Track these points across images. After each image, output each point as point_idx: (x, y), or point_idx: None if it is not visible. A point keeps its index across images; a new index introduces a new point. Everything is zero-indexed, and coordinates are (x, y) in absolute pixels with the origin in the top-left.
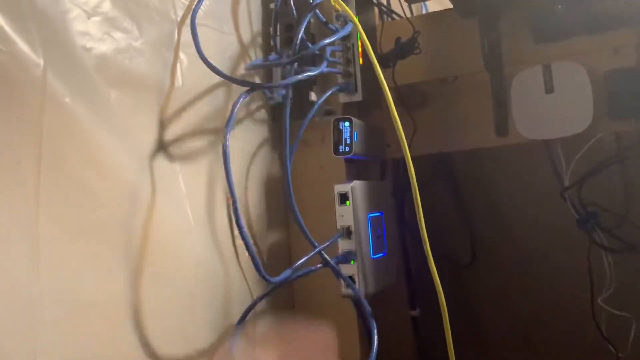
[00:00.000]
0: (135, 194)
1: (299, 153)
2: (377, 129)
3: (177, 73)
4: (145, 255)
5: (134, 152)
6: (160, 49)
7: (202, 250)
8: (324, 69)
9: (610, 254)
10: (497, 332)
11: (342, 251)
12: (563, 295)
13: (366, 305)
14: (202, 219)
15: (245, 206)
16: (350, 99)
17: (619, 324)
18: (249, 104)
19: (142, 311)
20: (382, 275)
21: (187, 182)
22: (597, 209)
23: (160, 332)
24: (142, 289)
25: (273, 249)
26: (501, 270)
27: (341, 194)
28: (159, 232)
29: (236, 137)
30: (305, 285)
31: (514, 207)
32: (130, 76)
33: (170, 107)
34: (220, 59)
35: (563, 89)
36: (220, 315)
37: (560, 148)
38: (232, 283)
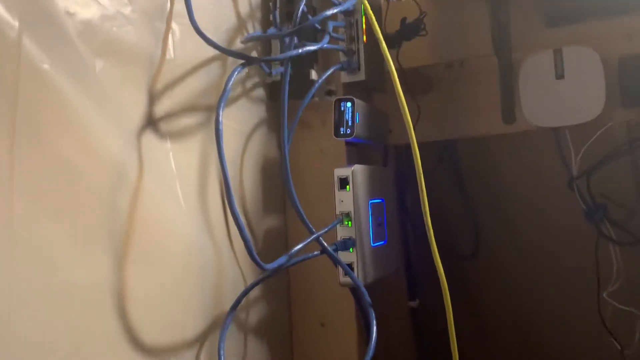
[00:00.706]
0: (121, 172)
1: (298, 135)
2: (380, 112)
3: (168, 44)
4: (131, 237)
5: (121, 127)
6: (152, 18)
7: (193, 233)
8: (325, 44)
9: (619, 247)
10: (498, 325)
11: (341, 238)
12: (568, 289)
13: (366, 295)
14: (193, 200)
15: (240, 189)
16: (353, 78)
17: (625, 319)
18: (245, 81)
19: (126, 296)
20: (381, 264)
21: (178, 161)
22: (606, 201)
23: (146, 318)
24: (127, 273)
25: (268, 234)
26: (504, 262)
27: (341, 178)
28: (147, 213)
29: (231, 116)
30: (301, 272)
31: (519, 198)
32: (118, 46)
33: (160, 80)
34: (216, 32)
35: (574, 74)
36: (211, 302)
37: (569, 136)
38: (225, 269)
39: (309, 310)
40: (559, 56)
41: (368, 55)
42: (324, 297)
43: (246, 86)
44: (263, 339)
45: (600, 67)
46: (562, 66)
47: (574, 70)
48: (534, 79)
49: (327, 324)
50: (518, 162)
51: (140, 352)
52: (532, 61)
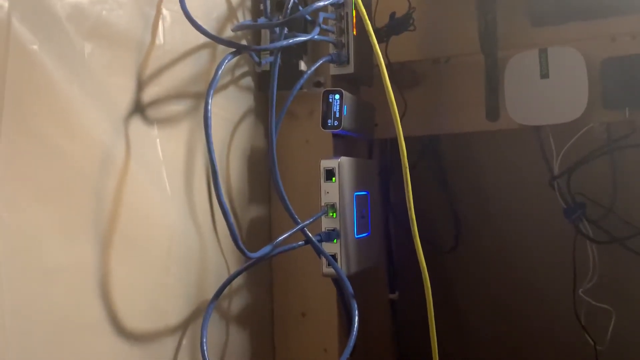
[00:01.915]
0: (107, 157)
1: (285, 125)
2: (368, 104)
3: (158, 30)
4: (115, 223)
5: (108, 112)
6: (142, 3)
7: (177, 220)
8: (315, 36)
9: (596, 245)
10: (476, 318)
11: (326, 229)
12: (545, 285)
13: (349, 286)
14: (179, 187)
15: (226, 177)
16: (342, 71)
17: (599, 315)
18: (234, 69)
19: (110, 282)
20: (364, 255)
21: (165, 148)
22: (584, 200)
23: (128, 304)
24: (111, 259)
25: (253, 223)
26: (484, 257)
27: (327, 169)
28: (132, 199)
29: (219, 105)
30: (284, 262)
31: (500, 194)
32: (108, 30)
33: (149, 66)
34: (206, 19)
35: (558, 74)
36: (194, 289)
37: (551, 135)
38: (209, 257)
39: (291, 300)
40: (544, 56)
41: (357, 48)
42: (306, 287)
43: (235, 75)
44: (245, 327)
45: (583, 68)
46: (547, 66)
47: (558, 70)
48: (518, 77)
49: (308, 314)
50: (500, 159)
51: (122, 337)
52: (517, 60)
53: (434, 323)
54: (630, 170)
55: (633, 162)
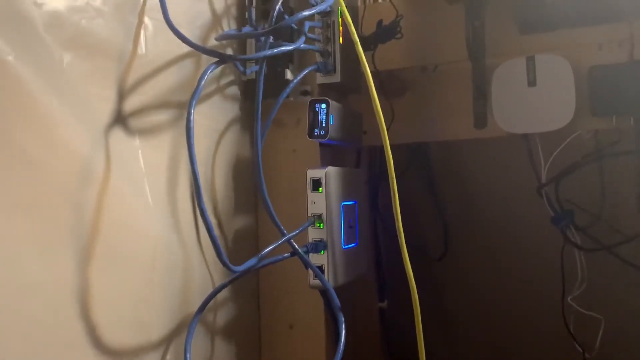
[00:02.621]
0: (87, 169)
1: (272, 134)
2: (355, 113)
3: (140, 39)
4: (96, 235)
5: (88, 123)
6: (123, 11)
7: (160, 232)
8: (300, 45)
9: (583, 253)
10: (465, 326)
11: (312, 240)
12: (534, 292)
13: (335, 298)
14: (162, 199)
15: (211, 188)
16: (328, 79)
17: (588, 323)
18: (219, 78)
19: (90, 296)
20: (352, 266)
21: (147, 158)
22: (573, 207)
23: (110, 319)
24: (92, 272)
25: (239, 235)
26: (473, 264)
27: (314, 179)
28: (113, 211)
29: (204, 114)
30: (271, 273)
31: (489, 202)
32: (87, 39)
33: (131, 76)
34: (189, 28)
35: (546, 82)
36: (179, 303)
37: (539, 143)
38: (193, 269)
39: (278, 312)
40: (532, 63)
41: (344, 57)
42: (293, 299)
43: (220, 84)
44: (231, 340)
45: (571, 75)
46: (534, 73)
47: (545, 77)
48: (506, 85)
49: (295, 326)
50: (489, 167)
51: (104, 353)
52: (505, 67)
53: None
54: (618, 178)
55: (621, 170)
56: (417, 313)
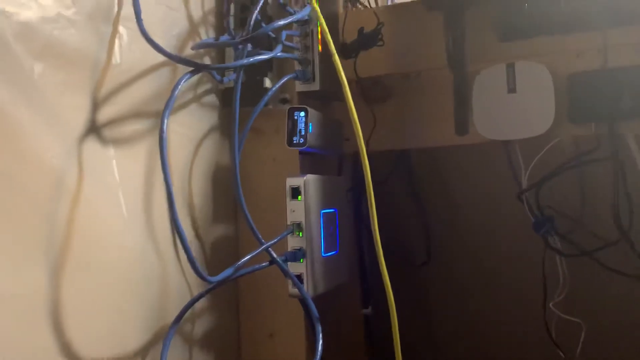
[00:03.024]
0: (60, 180)
1: (251, 143)
2: (335, 121)
3: (115, 49)
4: (69, 247)
5: (60, 133)
6: (97, 21)
7: (135, 243)
8: (277, 53)
9: (565, 258)
10: (448, 331)
11: (292, 248)
12: (515, 298)
13: (313, 308)
14: (137, 209)
15: (189, 197)
16: (307, 88)
17: (569, 329)
18: (196, 87)
19: (63, 308)
20: (332, 274)
21: (122, 169)
22: (553, 213)
23: (84, 331)
24: (65, 284)
25: (219, 244)
26: (455, 271)
27: (293, 187)
28: (86, 222)
29: (181, 123)
30: (251, 282)
31: (470, 208)
32: (59, 49)
33: (105, 85)
34: (166, 37)
35: (525, 89)
36: (155, 314)
37: (519, 149)
38: (170, 280)
39: (258, 321)
40: (511, 71)
41: (323, 65)
42: (274, 308)
43: (198, 92)
44: (210, 350)
45: (550, 82)
46: (514, 80)
47: (525, 85)
48: (486, 92)
49: (275, 335)
50: (470, 173)
51: None
52: (485, 74)
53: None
54: (597, 184)
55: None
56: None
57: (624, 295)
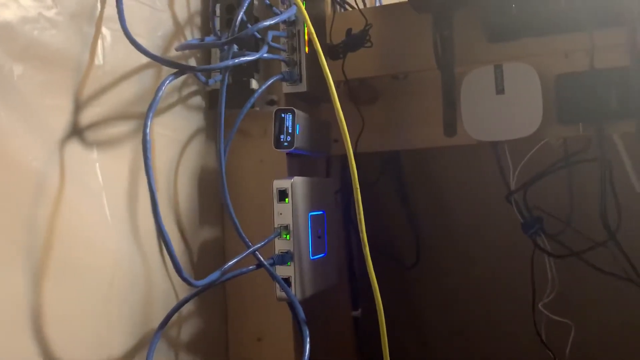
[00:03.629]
0: (41, 183)
1: (239, 145)
2: (323, 122)
3: (97, 50)
4: (50, 252)
5: (41, 136)
6: (79, 21)
7: (120, 247)
8: (263, 54)
9: (553, 259)
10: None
11: (279, 251)
12: (505, 299)
13: (300, 311)
14: (121, 212)
15: (174, 200)
16: (294, 89)
17: (559, 329)
18: (181, 88)
19: (44, 313)
20: (321, 277)
21: (106, 172)
22: (542, 214)
23: (67, 337)
24: (46, 289)
25: (205, 247)
26: (445, 272)
27: (280, 190)
28: (68, 226)
29: (166, 125)
30: (239, 285)
31: (459, 209)
32: (40, 50)
33: (88, 87)
34: (151, 38)
35: (513, 90)
36: (140, 318)
37: (508, 150)
38: (155, 284)
39: (246, 325)
40: (499, 72)
41: (310, 66)
42: (262, 311)
43: (183, 94)
44: (197, 355)
45: (538, 83)
46: (502, 81)
47: (513, 85)
48: (474, 93)
49: (264, 339)
50: (459, 174)
51: None
52: (473, 76)
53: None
54: (586, 184)
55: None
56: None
57: (612, 296)
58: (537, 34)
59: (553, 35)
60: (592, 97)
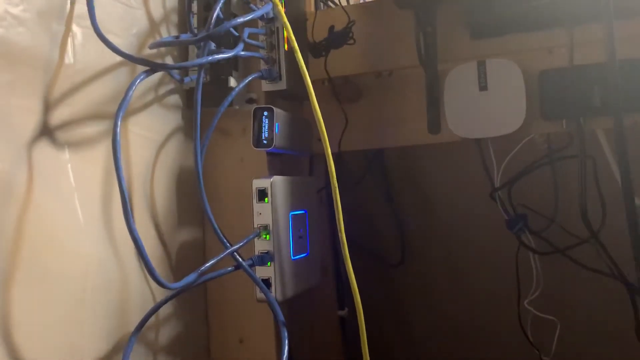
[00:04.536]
0: (7, 185)
1: (218, 143)
2: (304, 121)
3: (67, 48)
4: (18, 255)
5: (7, 137)
6: (48, 19)
7: (93, 250)
8: (239, 52)
9: (538, 256)
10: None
11: (259, 252)
12: (490, 297)
13: (279, 314)
14: (94, 215)
15: (151, 201)
16: (274, 87)
17: (544, 326)
18: (158, 87)
19: (12, 320)
20: (303, 277)
21: (78, 173)
22: (526, 211)
23: (38, 344)
24: (13, 296)
25: (185, 248)
26: (430, 270)
27: (259, 189)
28: (37, 229)
29: (141, 125)
30: (219, 286)
31: (444, 207)
32: (6, 48)
33: (58, 87)
34: (124, 36)
35: (497, 86)
36: (115, 323)
37: (492, 147)
38: (131, 287)
39: (227, 326)
40: (482, 68)
41: (290, 64)
42: (243, 312)
43: (159, 93)
44: (177, 358)
45: (521, 79)
46: (485, 78)
47: (496, 82)
48: (458, 90)
49: (246, 340)
50: (444, 172)
51: None
52: (456, 72)
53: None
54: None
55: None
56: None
57: (597, 292)
58: (520, 30)
59: (536, 32)
60: (575, 93)
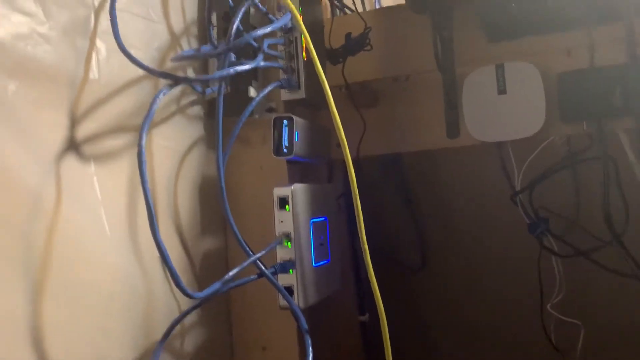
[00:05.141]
0: (36, 200)
1: (239, 153)
2: (323, 128)
3: (92, 64)
4: (48, 268)
5: (37, 152)
6: (73, 36)
7: (119, 261)
8: (259, 63)
9: (560, 259)
10: (445, 337)
11: (281, 260)
12: (513, 301)
13: (302, 321)
14: (120, 226)
15: (175, 211)
16: (293, 96)
17: (568, 330)
18: (180, 99)
19: (44, 330)
20: (324, 284)
21: (104, 186)
22: (548, 214)
23: (67, 353)
24: (45, 306)
25: (208, 257)
26: (451, 275)
27: (281, 197)
28: (66, 242)
29: (164, 136)
30: (242, 294)
31: (465, 211)
32: (33, 65)
33: (83, 101)
34: (147, 50)
35: (515, 89)
36: (142, 332)
37: (512, 151)
38: (157, 297)
39: (251, 334)
40: (501, 71)
41: (309, 72)
42: (266, 320)
43: (182, 104)
44: None
45: (540, 82)
46: (504, 81)
47: (515, 85)
48: (476, 94)
49: (268, 348)
50: (463, 176)
51: None
52: (474, 76)
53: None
54: (591, 183)
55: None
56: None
57: (621, 294)
58: (538, 32)
59: (554, 33)
60: (595, 94)
